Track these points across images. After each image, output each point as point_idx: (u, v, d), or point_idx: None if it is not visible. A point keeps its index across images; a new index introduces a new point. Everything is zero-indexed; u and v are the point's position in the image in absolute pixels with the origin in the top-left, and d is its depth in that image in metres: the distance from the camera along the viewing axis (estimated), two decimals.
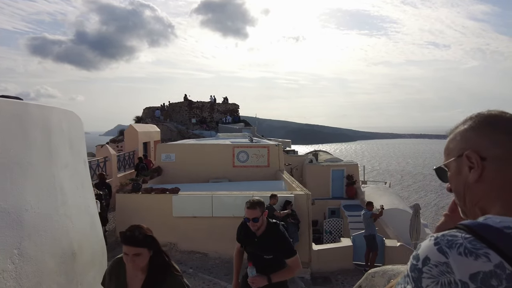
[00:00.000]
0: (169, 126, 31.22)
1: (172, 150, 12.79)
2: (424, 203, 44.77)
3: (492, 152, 0.76)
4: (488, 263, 0.64)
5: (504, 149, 0.75)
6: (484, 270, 0.64)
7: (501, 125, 0.78)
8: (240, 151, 12.70)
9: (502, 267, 0.64)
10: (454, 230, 0.71)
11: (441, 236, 0.70)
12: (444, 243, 0.69)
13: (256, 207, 2.93)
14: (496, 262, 0.64)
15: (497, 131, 0.77)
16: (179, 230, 8.96)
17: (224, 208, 8.63)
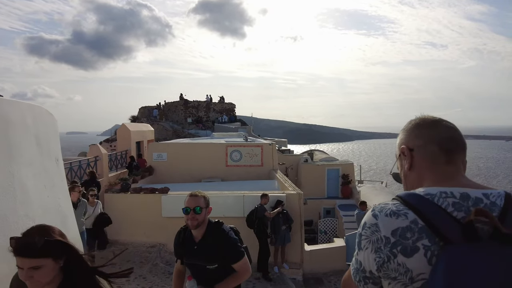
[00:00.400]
0: (164, 125, 31.00)
1: (164, 149, 12.61)
2: None
3: (417, 143, 0.99)
4: (405, 220, 0.85)
5: (425, 139, 0.98)
6: (402, 226, 0.84)
7: (424, 123, 1.01)
8: (233, 150, 12.52)
9: (416, 222, 0.84)
10: (390, 200, 0.92)
11: (377, 205, 0.92)
12: (377, 210, 0.91)
13: (200, 197, 2.50)
14: (411, 219, 0.84)
15: (420, 127, 1.01)
16: (168, 230, 8.73)
17: (214, 208, 8.39)
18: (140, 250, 8.38)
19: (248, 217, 7.83)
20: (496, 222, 0.77)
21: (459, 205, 0.85)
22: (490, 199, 0.87)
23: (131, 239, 8.91)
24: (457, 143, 0.98)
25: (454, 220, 0.82)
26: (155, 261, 7.86)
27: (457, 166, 0.97)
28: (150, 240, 8.73)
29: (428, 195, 0.88)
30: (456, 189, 0.89)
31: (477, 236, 0.78)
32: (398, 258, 0.84)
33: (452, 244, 0.79)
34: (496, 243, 0.76)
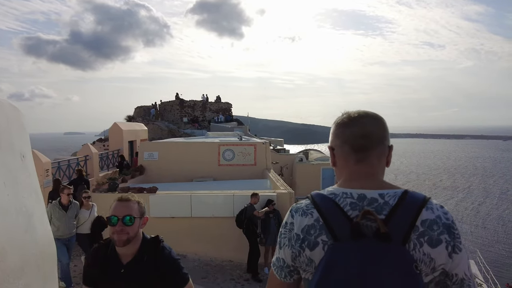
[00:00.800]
0: (159, 125, 30.76)
1: (155, 148, 12.39)
2: None
3: (336, 143, 1.05)
4: (311, 218, 0.97)
5: (341, 139, 1.03)
6: (308, 224, 0.97)
7: (343, 122, 1.04)
8: (226, 149, 12.31)
9: (318, 220, 0.95)
10: (305, 199, 1.03)
11: (295, 205, 1.04)
12: (294, 209, 1.02)
13: (132, 202, 1.86)
14: (315, 218, 0.96)
15: (340, 126, 1.05)
16: (156, 231, 8.50)
17: (204, 208, 8.24)
18: None
19: (238, 217, 7.63)
20: (379, 221, 0.87)
21: (355, 205, 0.95)
22: (385, 199, 0.95)
23: None
24: (370, 140, 1.01)
25: (348, 219, 0.92)
26: None
27: (368, 165, 1.01)
28: None
29: (332, 194, 0.99)
30: (356, 190, 0.98)
31: (361, 234, 0.88)
32: (306, 252, 0.97)
33: (337, 239, 0.91)
34: (376, 241, 0.86)
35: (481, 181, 62.78)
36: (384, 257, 0.84)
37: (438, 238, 0.90)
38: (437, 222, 0.92)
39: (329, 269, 0.88)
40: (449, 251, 0.91)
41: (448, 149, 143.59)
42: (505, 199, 50.65)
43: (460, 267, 0.93)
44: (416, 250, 0.89)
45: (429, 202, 0.94)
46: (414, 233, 0.90)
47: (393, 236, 0.87)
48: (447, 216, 0.95)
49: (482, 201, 49.51)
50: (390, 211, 0.92)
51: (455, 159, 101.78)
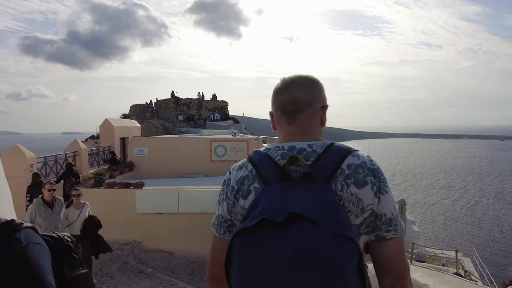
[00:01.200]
0: (154, 123, 30.48)
1: (145, 144, 12.15)
2: (413, 201, 44.54)
3: (272, 109, 1.14)
4: (246, 170, 1.02)
5: (275, 105, 1.12)
6: (242, 175, 1.01)
7: (277, 89, 1.12)
8: (217, 145, 12.09)
9: (252, 171, 1.00)
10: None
11: (234, 164, 1.09)
12: (232, 167, 1.08)
13: None
14: (249, 169, 1.01)
15: (275, 93, 1.13)
16: (143, 227, 8.34)
17: (191, 204, 8.01)
18: (112, 248, 7.91)
19: None
20: (303, 164, 0.91)
21: (285, 155, 0.99)
22: (313, 148, 1.01)
23: (104, 236, 8.44)
24: (298, 103, 1.07)
25: (277, 166, 0.97)
26: (127, 259, 7.41)
27: (299, 125, 1.07)
28: (123, 237, 8.26)
29: (266, 149, 1.05)
30: (287, 143, 1.04)
31: (288, 176, 0.91)
32: (239, 202, 1.01)
33: (266, 183, 0.95)
34: (302, 180, 0.90)
35: (478, 181, 62.84)
36: (305, 187, 0.87)
37: (364, 180, 0.95)
38: (362, 167, 0.97)
39: (253, 204, 0.87)
40: (375, 191, 0.95)
41: (445, 149, 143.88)
42: (501, 198, 50.65)
43: (388, 208, 0.97)
44: (344, 190, 0.94)
45: (355, 151, 1.01)
46: (340, 176, 0.94)
47: (318, 177, 0.91)
48: (373, 163, 1.00)
49: (478, 200, 49.49)
50: (317, 158, 0.97)
51: (452, 159, 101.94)
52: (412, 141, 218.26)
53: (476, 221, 40.88)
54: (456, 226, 38.55)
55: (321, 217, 0.77)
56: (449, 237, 34.96)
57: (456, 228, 38.01)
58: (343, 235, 0.76)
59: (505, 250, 35.09)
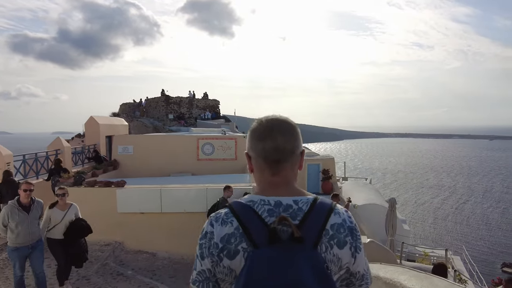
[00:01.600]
0: (144, 122, 30.03)
1: (130, 142, 11.82)
2: (403, 200, 44.76)
3: (251, 154, 1.08)
4: (231, 227, 0.98)
5: (255, 152, 1.06)
6: (228, 232, 0.97)
7: (256, 133, 1.07)
8: (205, 143, 11.81)
9: (238, 228, 0.97)
10: (224, 208, 1.04)
11: (214, 214, 1.04)
12: (213, 218, 1.02)
13: None
14: (235, 226, 0.97)
15: (253, 138, 1.07)
16: (125, 227, 8.02)
17: (174, 203, 7.73)
18: (92, 249, 7.57)
19: (209, 211, 7.13)
20: (293, 226, 0.91)
21: (272, 211, 0.99)
22: (299, 205, 1.02)
23: None
24: (283, 153, 1.04)
25: (265, 225, 0.96)
26: (106, 260, 7.09)
27: (283, 175, 1.05)
28: (104, 237, 7.93)
29: (250, 202, 1.03)
30: (273, 197, 1.02)
31: (278, 238, 0.91)
32: (224, 262, 0.97)
33: (256, 246, 0.94)
34: (292, 244, 0.90)
35: (466, 180, 63.55)
36: (296, 258, 0.89)
37: (344, 240, 0.99)
38: (343, 226, 1.00)
39: (249, 275, 0.90)
40: (352, 251, 1.00)
41: (436, 148, 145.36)
42: (489, 197, 51.24)
43: (361, 265, 1.03)
44: (328, 252, 0.97)
45: (336, 207, 1.03)
46: (325, 237, 0.98)
47: (306, 239, 0.92)
48: (351, 219, 1.04)
49: (467, 199, 49.99)
50: (304, 216, 0.99)
51: (442, 158, 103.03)
52: (404, 140, 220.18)
53: (465, 219, 41.23)
54: (445, 225, 38.82)
55: None
56: (439, 236, 35.16)
57: (446, 227, 38.26)
58: None
59: (493, 248, 35.39)
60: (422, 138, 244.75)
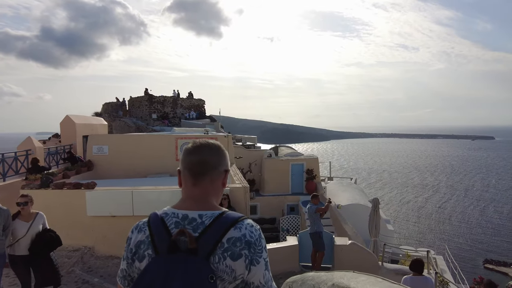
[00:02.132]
0: (126, 121, 29.35)
1: (105, 141, 11.34)
2: (388, 199, 45.16)
3: (181, 167, 1.26)
4: (143, 235, 1.17)
5: (183, 165, 1.25)
6: (141, 239, 1.16)
7: (187, 151, 1.27)
8: (184, 142, 11.42)
9: (148, 237, 1.15)
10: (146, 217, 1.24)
11: (135, 224, 1.24)
12: (135, 226, 1.23)
13: None
14: (146, 235, 1.16)
15: (184, 154, 1.27)
16: (95, 231, 7.61)
17: (147, 206, 7.33)
18: (59, 255, 7.13)
19: None
20: (189, 238, 1.08)
21: (178, 223, 1.16)
22: (202, 219, 1.17)
23: None
24: (205, 166, 1.23)
25: (169, 235, 1.13)
26: (72, 267, 6.68)
27: (202, 188, 1.23)
28: (73, 242, 7.49)
29: (164, 213, 1.21)
30: (182, 211, 1.20)
31: (177, 248, 1.08)
32: (135, 264, 1.17)
33: (158, 253, 1.12)
34: (187, 253, 1.07)
35: (448, 179, 64.76)
36: (182, 267, 1.05)
37: (239, 253, 1.13)
38: (240, 240, 1.14)
39: (141, 277, 1.08)
40: (247, 263, 1.14)
41: (420, 148, 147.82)
42: (470, 196, 52.26)
43: (256, 277, 1.17)
44: (220, 262, 1.11)
45: (240, 222, 1.17)
46: (219, 249, 1.11)
47: (201, 251, 1.09)
48: (253, 234, 1.17)
49: (449, 197, 50.88)
50: (203, 230, 1.14)
51: (426, 158, 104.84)
52: (390, 140, 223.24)
53: (448, 218, 41.87)
54: (429, 223, 39.31)
55: None
56: (423, 235, 35.54)
57: (429, 225, 38.72)
58: None
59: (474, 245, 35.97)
60: (407, 138, 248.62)
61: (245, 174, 17.81)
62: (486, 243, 36.97)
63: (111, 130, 29.50)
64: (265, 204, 16.40)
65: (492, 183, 61.36)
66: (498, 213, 44.70)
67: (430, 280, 5.23)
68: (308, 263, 8.09)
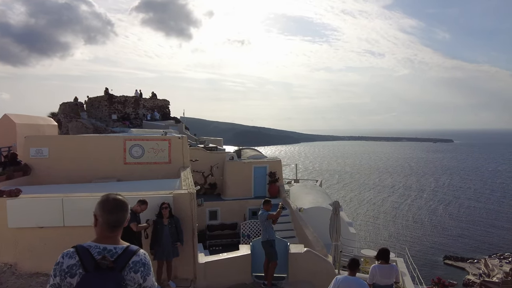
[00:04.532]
0: (84, 122, 27.66)
1: (45, 143, 10.28)
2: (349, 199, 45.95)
3: (101, 220, 2.05)
4: (74, 260, 1.93)
5: (103, 219, 2.04)
6: (72, 263, 1.92)
7: (105, 207, 2.06)
8: (133, 144, 10.60)
9: (78, 261, 1.91)
10: (72, 248, 2.02)
11: (64, 252, 2.00)
12: (64, 254, 1.99)
13: None
14: (76, 260, 1.92)
15: (103, 209, 2.06)
16: (19, 246, 6.67)
17: (80, 215, 6.52)
18: None
19: None
20: (109, 261, 1.89)
21: (100, 252, 1.95)
22: (117, 250, 1.99)
23: None
24: (119, 222, 2.07)
25: (94, 260, 1.90)
26: None
27: (116, 233, 2.07)
28: None
29: (88, 246, 1.99)
30: (102, 244, 2.00)
31: (100, 267, 1.87)
32: (67, 279, 1.90)
33: (87, 271, 1.88)
34: (107, 270, 1.87)
35: (409, 180, 67.33)
36: (106, 278, 1.87)
37: (138, 269, 1.99)
38: (139, 262, 2.00)
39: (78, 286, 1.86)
40: (143, 275, 2.00)
41: (386, 150, 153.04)
42: (432, 195, 54.41)
43: (148, 284, 2.03)
44: (128, 275, 1.94)
45: (138, 252, 2.04)
46: (127, 267, 1.95)
47: (116, 268, 1.91)
48: (145, 258, 2.07)
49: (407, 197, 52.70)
50: (117, 256, 1.96)
51: (389, 160, 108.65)
52: (357, 143, 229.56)
53: (406, 217, 43.15)
54: (390, 225, 40.29)
55: None
56: (383, 237, 36.29)
57: (389, 227, 39.66)
58: None
59: (433, 247, 37.20)
60: (373, 141, 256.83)
61: (206, 178, 17.12)
62: (446, 239, 38.28)
63: (67, 131, 27.72)
64: (226, 209, 15.78)
65: (447, 183, 64.42)
66: (455, 210, 46.64)
67: (395, 267, 5.71)
68: (261, 273, 7.58)
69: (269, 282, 7.02)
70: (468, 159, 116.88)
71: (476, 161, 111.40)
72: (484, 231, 44.58)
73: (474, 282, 42.98)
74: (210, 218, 15.40)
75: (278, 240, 7.54)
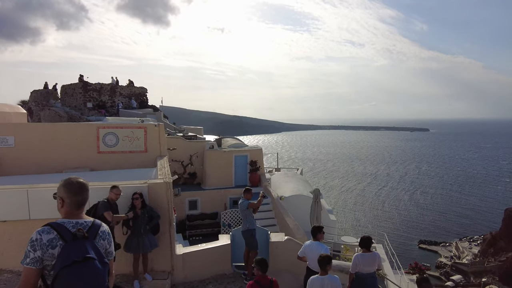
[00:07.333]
0: (57, 111, 26.50)
1: (10, 131, 9.63)
2: (329, 188, 46.67)
3: (68, 200, 2.40)
4: (52, 234, 2.22)
5: (70, 199, 2.39)
6: (50, 237, 2.20)
7: (72, 189, 2.40)
8: (107, 132, 10.10)
9: (56, 235, 2.22)
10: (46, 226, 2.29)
11: (39, 229, 2.25)
12: (40, 231, 2.22)
13: None
14: (54, 234, 2.22)
15: (70, 191, 2.40)
16: None
17: (47, 208, 6.09)
18: None
19: (86, 213, 5.70)
20: (83, 231, 2.26)
21: (74, 226, 2.29)
22: (87, 223, 2.37)
23: None
24: (85, 200, 2.44)
25: (70, 232, 2.24)
26: None
27: (81, 210, 2.43)
28: None
29: (62, 222, 2.30)
30: (74, 219, 2.35)
31: (77, 237, 2.22)
32: (49, 251, 2.16)
33: (66, 242, 2.19)
34: (83, 239, 2.27)
35: (386, 168, 69.04)
36: (83, 245, 2.22)
37: (105, 237, 2.43)
38: (105, 232, 2.44)
39: (63, 254, 2.13)
40: (107, 242, 2.45)
41: (364, 139, 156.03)
42: (402, 182, 56.09)
43: (111, 248, 2.48)
44: (99, 242, 2.35)
45: (102, 224, 2.47)
46: (98, 236, 2.37)
47: (89, 237, 2.28)
48: (106, 229, 2.48)
49: (384, 184, 54.11)
50: (89, 228, 2.34)
51: (368, 148, 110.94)
52: (337, 132, 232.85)
53: (387, 206, 44.27)
54: (368, 213, 41.25)
55: (95, 255, 2.21)
56: (362, 224, 37.11)
57: (369, 213, 40.60)
58: (105, 262, 2.28)
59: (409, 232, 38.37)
60: (353, 130, 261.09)
61: (186, 167, 16.75)
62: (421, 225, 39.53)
63: (39, 120, 26.49)
64: (206, 198, 15.52)
65: (422, 171, 66.49)
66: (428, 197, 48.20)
67: (378, 255, 5.69)
68: (241, 263, 7.42)
69: (250, 271, 6.87)
70: (443, 147, 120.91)
71: (450, 150, 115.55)
72: (456, 216, 46.45)
73: (445, 264, 45.00)
74: (190, 208, 15.11)
75: (258, 228, 7.38)
